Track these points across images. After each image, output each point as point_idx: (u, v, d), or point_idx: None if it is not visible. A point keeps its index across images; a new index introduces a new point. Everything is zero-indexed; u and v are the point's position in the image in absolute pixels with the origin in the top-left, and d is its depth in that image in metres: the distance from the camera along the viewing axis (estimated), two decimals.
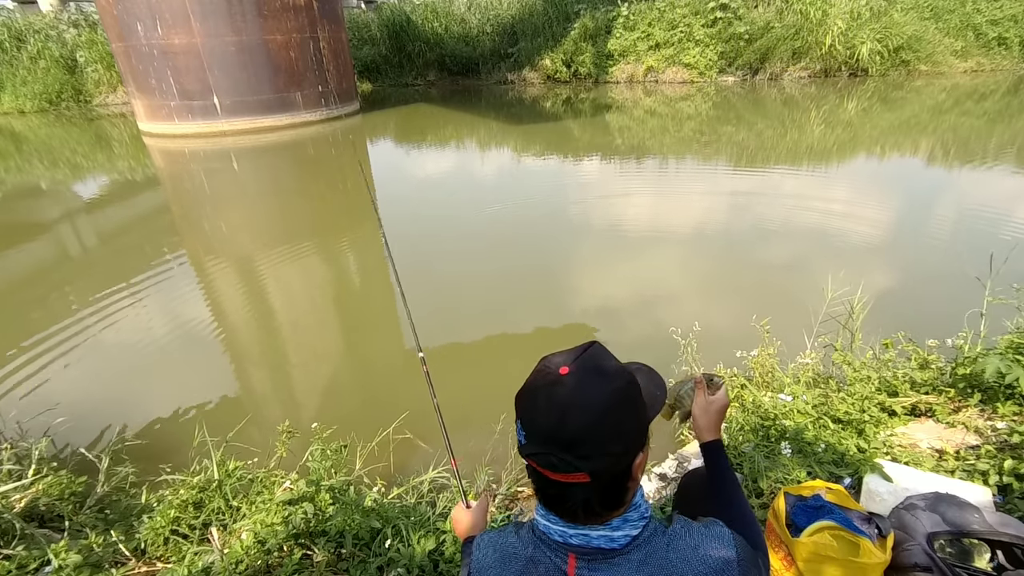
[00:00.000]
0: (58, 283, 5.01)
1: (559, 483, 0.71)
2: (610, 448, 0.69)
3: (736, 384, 2.56)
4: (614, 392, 0.70)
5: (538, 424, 0.71)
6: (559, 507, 0.75)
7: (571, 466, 0.68)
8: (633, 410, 0.73)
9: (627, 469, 0.72)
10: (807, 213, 5.73)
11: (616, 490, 0.73)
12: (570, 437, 0.68)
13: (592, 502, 0.72)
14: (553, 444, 0.69)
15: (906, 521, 1.53)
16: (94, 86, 15.61)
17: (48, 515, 1.96)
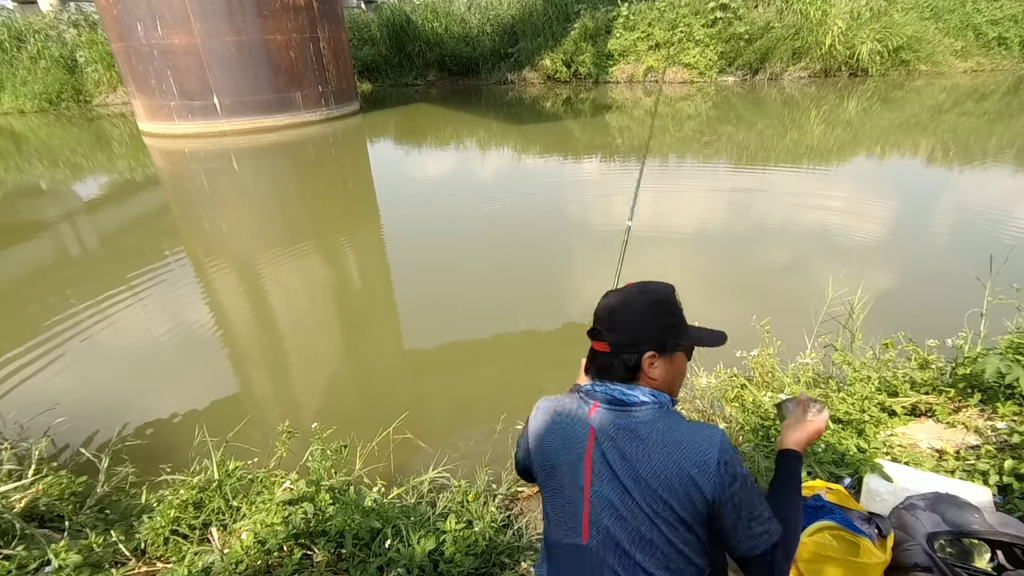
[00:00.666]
0: (58, 283, 5.01)
1: (594, 349, 1.05)
2: (628, 332, 1.02)
3: (736, 384, 2.56)
4: (646, 302, 1.04)
5: (597, 309, 1.08)
6: (595, 367, 1.06)
7: (600, 336, 1.04)
8: (653, 317, 1.03)
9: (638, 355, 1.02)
10: (807, 213, 5.73)
11: (628, 364, 1.02)
12: (607, 317, 1.04)
13: (615, 366, 1.03)
14: (598, 321, 1.06)
15: (906, 521, 1.53)
16: (94, 86, 15.61)
17: (48, 515, 1.96)
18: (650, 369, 1.02)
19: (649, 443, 0.97)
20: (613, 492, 0.97)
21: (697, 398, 2.57)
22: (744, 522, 0.96)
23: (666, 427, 0.98)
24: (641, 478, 0.95)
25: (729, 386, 2.56)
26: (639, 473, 0.95)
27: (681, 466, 0.94)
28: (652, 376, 1.03)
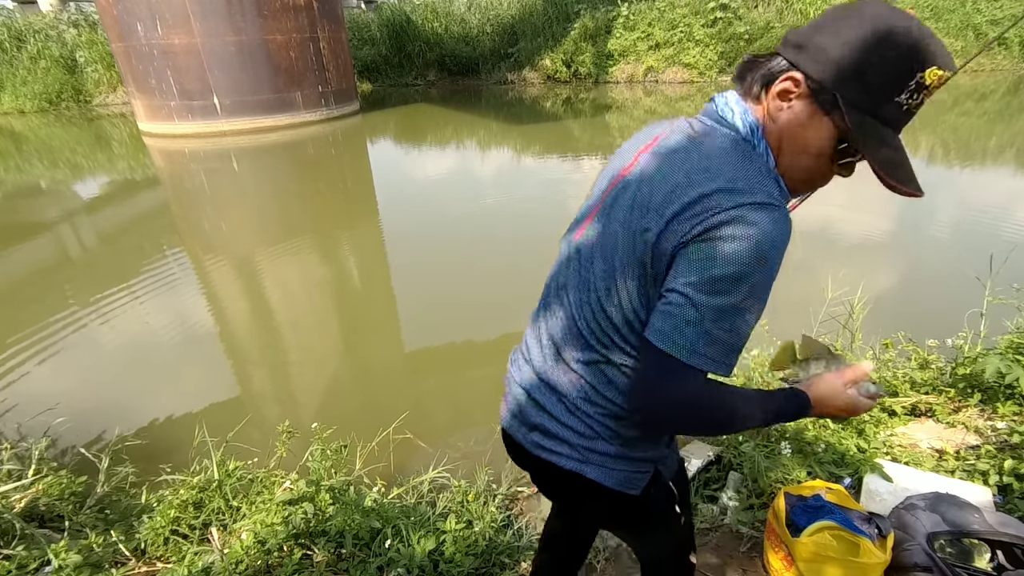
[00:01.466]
0: (58, 283, 5.01)
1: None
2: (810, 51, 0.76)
3: (736, 384, 2.56)
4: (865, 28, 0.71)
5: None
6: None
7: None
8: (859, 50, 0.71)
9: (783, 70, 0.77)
10: (807, 212, 5.71)
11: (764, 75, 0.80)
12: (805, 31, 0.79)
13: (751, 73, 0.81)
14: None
15: (906, 521, 1.53)
16: (94, 86, 15.61)
17: (48, 515, 1.96)
18: (778, 98, 0.77)
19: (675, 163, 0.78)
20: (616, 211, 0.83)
21: None
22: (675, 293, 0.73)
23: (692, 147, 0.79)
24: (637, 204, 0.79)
25: None
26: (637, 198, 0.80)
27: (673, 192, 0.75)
28: (775, 110, 0.77)
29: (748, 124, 0.79)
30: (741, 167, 0.75)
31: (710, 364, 0.74)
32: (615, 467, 0.94)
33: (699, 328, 0.72)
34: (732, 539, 1.78)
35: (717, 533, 1.80)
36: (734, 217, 0.70)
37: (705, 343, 0.73)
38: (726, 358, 0.75)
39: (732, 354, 0.75)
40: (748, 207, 0.71)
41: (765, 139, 0.79)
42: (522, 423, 0.99)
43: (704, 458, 2.13)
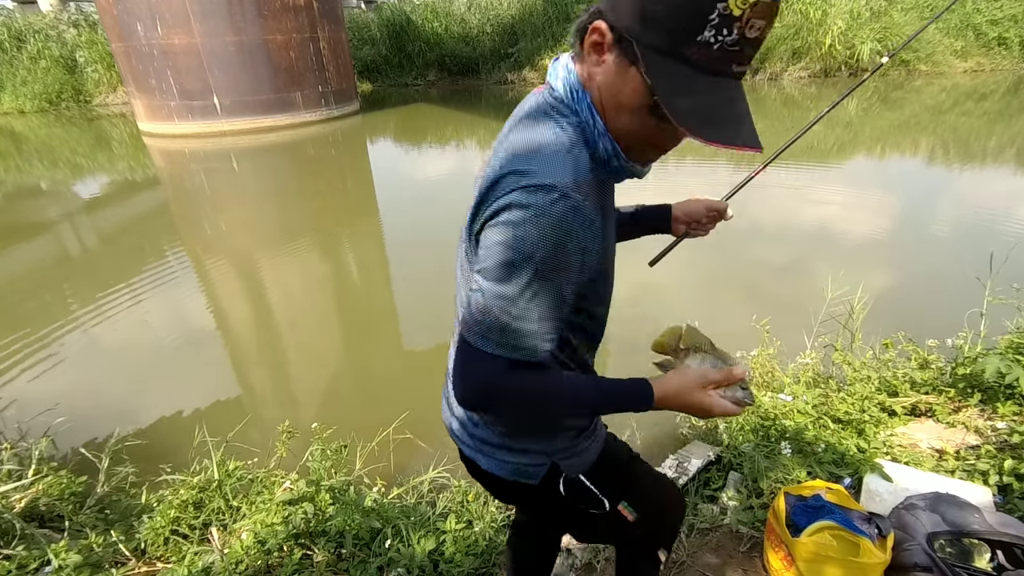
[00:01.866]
0: (57, 283, 5.01)
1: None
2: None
3: None
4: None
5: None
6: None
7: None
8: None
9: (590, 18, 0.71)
10: (807, 212, 5.73)
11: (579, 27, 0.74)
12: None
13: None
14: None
15: (906, 521, 1.53)
16: (94, 86, 15.61)
17: (48, 515, 1.96)
18: (592, 52, 0.72)
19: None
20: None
21: None
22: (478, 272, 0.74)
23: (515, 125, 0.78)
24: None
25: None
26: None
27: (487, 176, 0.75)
28: (592, 65, 0.73)
29: (568, 86, 0.76)
30: (543, 144, 0.72)
31: (503, 350, 0.72)
32: (503, 458, 0.95)
33: (487, 315, 0.71)
34: (732, 539, 1.78)
35: (717, 533, 1.80)
36: (512, 202, 0.69)
37: (495, 330, 0.72)
38: (520, 343, 0.72)
39: (527, 339, 0.72)
40: (525, 190, 0.68)
41: (589, 99, 0.74)
42: (447, 412, 1.04)
43: (704, 458, 2.13)
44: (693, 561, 1.70)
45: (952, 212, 5.69)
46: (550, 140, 0.73)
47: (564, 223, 0.68)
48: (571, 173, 0.70)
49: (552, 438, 0.96)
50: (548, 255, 0.69)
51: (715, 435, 2.31)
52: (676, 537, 1.24)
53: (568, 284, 0.73)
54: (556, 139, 0.73)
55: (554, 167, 0.70)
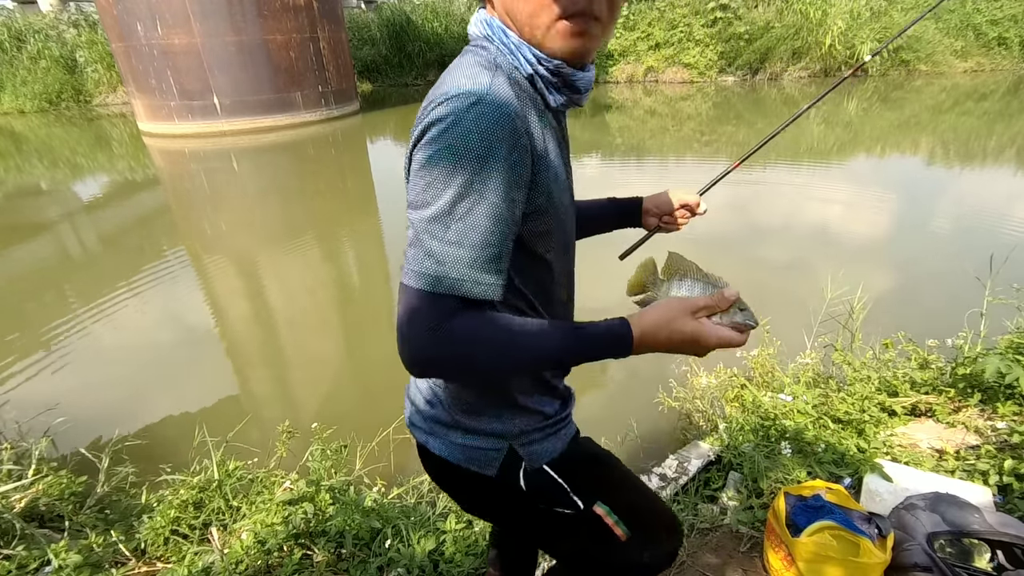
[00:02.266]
0: (57, 283, 5.01)
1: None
2: None
3: (736, 384, 2.56)
4: None
5: None
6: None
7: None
8: None
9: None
10: (807, 212, 5.73)
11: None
12: None
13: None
14: None
15: (906, 521, 1.53)
16: (94, 86, 15.61)
17: (48, 515, 1.96)
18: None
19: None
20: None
21: (697, 398, 2.57)
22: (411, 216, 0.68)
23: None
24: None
25: (729, 386, 2.56)
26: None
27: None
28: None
29: (479, 22, 0.77)
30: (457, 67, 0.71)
31: (443, 286, 0.64)
32: (455, 439, 0.87)
33: (420, 248, 0.65)
34: (732, 539, 1.78)
35: (717, 533, 1.80)
36: (428, 121, 0.66)
37: (431, 263, 0.64)
38: (463, 275, 0.64)
39: (470, 270, 0.64)
40: (440, 104, 0.66)
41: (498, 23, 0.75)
42: (407, 401, 0.99)
43: (704, 458, 2.13)
44: (693, 561, 1.70)
45: (952, 212, 5.69)
46: (464, 63, 0.72)
47: (486, 124, 0.63)
48: (487, 81, 0.67)
49: (511, 416, 0.85)
50: (475, 161, 0.63)
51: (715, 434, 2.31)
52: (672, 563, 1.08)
53: (506, 201, 0.66)
54: (470, 61, 0.72)
55: (467, 77, 0.67)
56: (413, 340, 0.65)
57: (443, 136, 0.64)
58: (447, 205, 0.64)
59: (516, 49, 0.73)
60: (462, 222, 0.64)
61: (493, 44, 0.74)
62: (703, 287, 0.77)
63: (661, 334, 0.70)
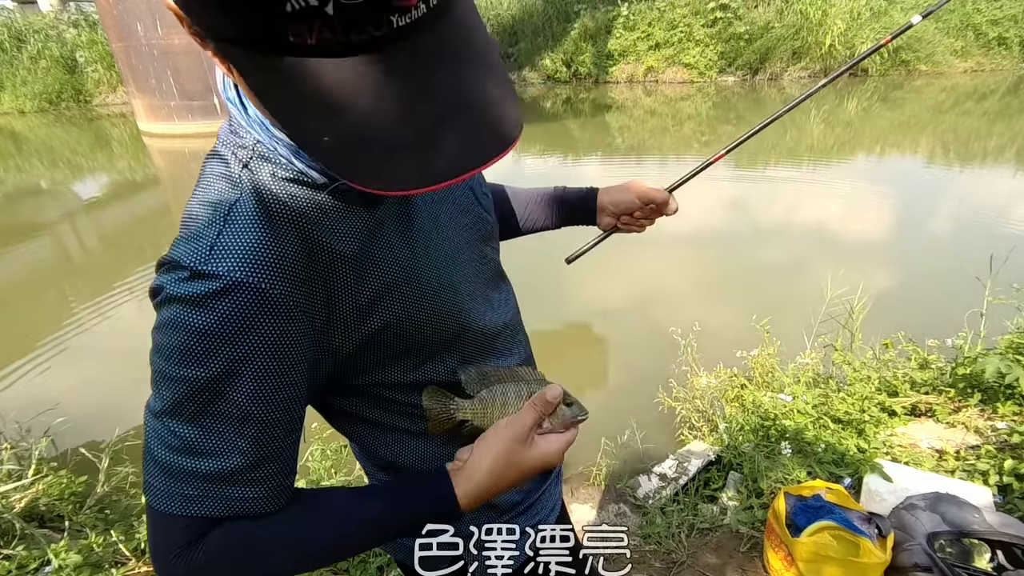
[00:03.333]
0: (57, 283, 5.01)
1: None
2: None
3: (736, 384, 2.56)
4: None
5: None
6: None
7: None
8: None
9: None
10: (807, 212, 5.73)
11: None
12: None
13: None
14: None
15: (906, 521, 1.53)
16: (94, 86, 15.61)
17: (48, 515, 1.96)
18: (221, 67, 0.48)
19: None
20: None
21: (697, 398, 2.57)
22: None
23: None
24: None
25: (729, 386, 2.56)
26: None
27: None
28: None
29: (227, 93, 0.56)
30: (198, 198, 0.52)
31: (185, 504, 0.50)
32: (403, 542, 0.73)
33: (146, 450, 0.51)
34: (732, 539, 1.78)
35: (717, 533, 1.80)
36: (152, 287, 0.51)
37: (162, 474, 0.50)
38: (211, 489, 0.50)
39: (219, 482, 0.50)
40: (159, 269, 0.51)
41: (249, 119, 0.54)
42: None
43: (704, 458, 2.13)
44: (693, 561, 1.70)
45: (952, 212, 5.69)
46: (204, 187, 0.53)
47: (203, 312, 0.47)
48: (212, 238, 0.48)
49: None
50: (193, 358, 0.47)
51: (715, 434, 2.32)
52: None
53: (271, 390, 0.50)
54: (210, 186, 0.52)
55: (191, 233, 0.50)
56: (160, 568, 0.52)
57: (160, 315, 0.49)
58: (171, 404, 0.49)
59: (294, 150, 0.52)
60: (193, 425, 0.49)
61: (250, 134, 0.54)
62: (519, 394, 0.65)
63: (503, 481, 0.59)
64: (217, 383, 0.48)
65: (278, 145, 0.51)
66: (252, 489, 0.51)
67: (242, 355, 0.48)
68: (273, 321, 0.49)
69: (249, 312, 0.47)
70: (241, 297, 0.47)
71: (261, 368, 0.49)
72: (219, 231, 0.48)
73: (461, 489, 0.58)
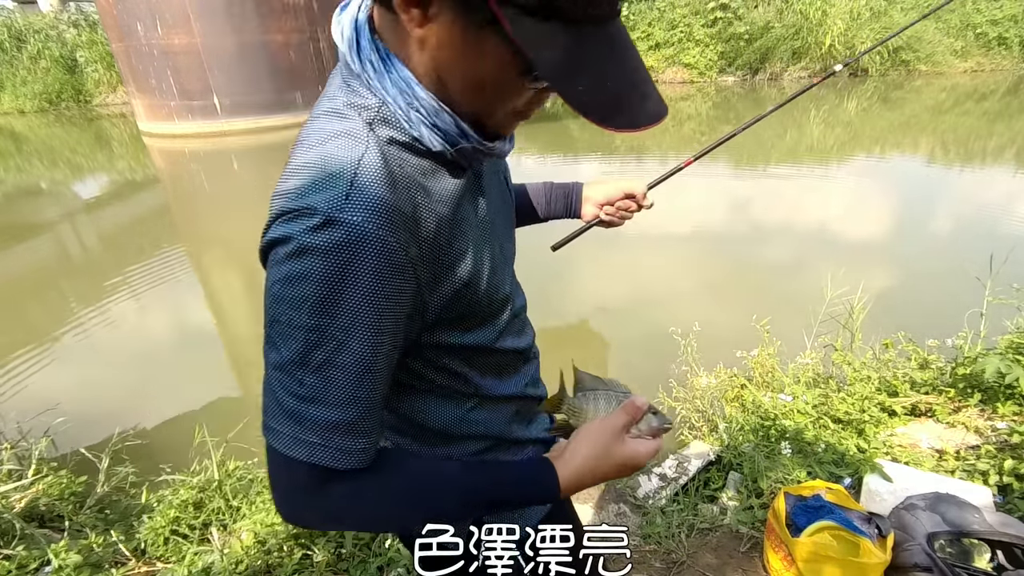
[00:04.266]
0: (57, 283, 5.01)
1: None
2: None
3: (736, 384, 2.56)
4: None
5: None
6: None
7: None
8: None
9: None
10: (807, 212, 5.73)
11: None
12: None
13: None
14: None
15: (906, 521, 1.53)
16: (94, 86, 15.61)
17: (48, 515, 1.96)
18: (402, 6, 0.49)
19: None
20: None
21: (697, 398, 2.57)
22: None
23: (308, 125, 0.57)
24: None
25: (729, 386, 2.56)
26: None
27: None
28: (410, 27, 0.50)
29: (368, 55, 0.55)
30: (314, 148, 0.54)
31: (299, 450, 0.53)
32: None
33: (272, 398, 0.54)
34: (732, 539, 1.78)
35: (717, 533, 1.80)
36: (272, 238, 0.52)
37: (283, 419, 0.53)
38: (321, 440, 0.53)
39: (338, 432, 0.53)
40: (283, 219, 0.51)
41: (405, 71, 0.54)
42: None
43: (704, 458, 2.13)
44: (693, 561, 1.70)
45: (952, 212, 5.69)
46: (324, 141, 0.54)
47: (344, 257, 0.49)
48: (344, 188, 0.50)
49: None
50: (330, 304, 0.50)
51: (715, 434, 2.32)
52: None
53: (378, 344, 0.53)
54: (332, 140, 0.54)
55: (321, 181, 0.51)
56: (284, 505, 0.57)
57: (287, 266, 0.50)
58: (298, 354, 0.51)
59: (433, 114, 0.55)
60: (318, 375, 0.52)
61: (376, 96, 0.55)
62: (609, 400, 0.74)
63: (598, 470, 0.64)
64: (344, 333, 0.51)
65: (415, 109, 0.55)
66: (365, 440, 0.56)
67: (367, 307, 0.51)
68: (395, 274, 0.52)
69: (376, 264, 0.51)
70: (371, 248, 0.50)
71: (382, 321, 0.53)
72: (350, 182, 0.51)
73: (561, 474, 0.63)
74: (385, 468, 0.59)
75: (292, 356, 0.51)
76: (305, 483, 0.55)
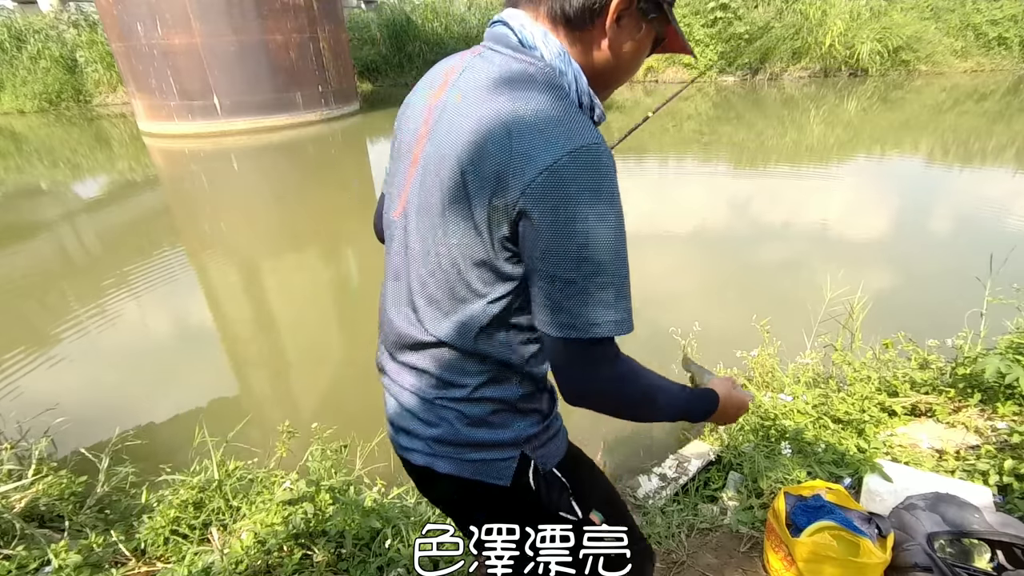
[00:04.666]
0: (57, 283, 5.01)
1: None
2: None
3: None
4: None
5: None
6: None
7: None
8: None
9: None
10: (807, 212, 5.73)
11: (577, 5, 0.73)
12: None
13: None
14: None
15: (906, 521, 1.53)
16: (94, 86, 15.59)
17: (48, 515, 1.96)
18: (609, 28, 0.75)
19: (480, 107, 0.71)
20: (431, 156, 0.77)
21: None
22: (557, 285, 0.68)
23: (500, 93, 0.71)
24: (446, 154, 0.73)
25: None
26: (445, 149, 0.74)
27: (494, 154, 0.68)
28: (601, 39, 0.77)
29: (554, 50, 0.75)
30: (555, 109, 0.70)
31: (607, 327, 0.70)
32: (468, 456, 0.85)
33: (590, 298, 0.68)
34: (732, 539, 1.78)
35: (717, 533, 1.80)
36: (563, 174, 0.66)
37: (601, 307, 0.69)
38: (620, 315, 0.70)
39: (626, 307, 0.71)
40: (572, 155, 0.66)
41: (574, 62, 0.76)
42: (392, 427, 0.95)
43: (704, 458, 2.13)
44: (693, 561, 1.70)
45: (952, 212, 5.69)
46: (561, 105, 0.71)
47: (613, 174, 0.69)
48: (592, 127, 0.71)
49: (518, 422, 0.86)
50: (617, 205, 0.68)
51: (715, 434, 2.32)
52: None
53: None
54: (566, 103, 0.72)
55: (580, 126, 0.69)
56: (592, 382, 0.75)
57: (591, 185, 0.66)
58: (612, 254, 0.68)
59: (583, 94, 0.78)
60: (624, 267, 0.70)
61: (566, 79, 0.75)
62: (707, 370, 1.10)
63: (730, 404, 0.94)
64: (623, 226, 0.69)
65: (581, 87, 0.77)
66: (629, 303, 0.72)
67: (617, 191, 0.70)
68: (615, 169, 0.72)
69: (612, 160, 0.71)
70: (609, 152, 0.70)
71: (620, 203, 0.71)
72: (589, 127, 0.70)
73: (720, 400, 0.92)
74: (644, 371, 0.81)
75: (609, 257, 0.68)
76: (615, 353, 0.73)
